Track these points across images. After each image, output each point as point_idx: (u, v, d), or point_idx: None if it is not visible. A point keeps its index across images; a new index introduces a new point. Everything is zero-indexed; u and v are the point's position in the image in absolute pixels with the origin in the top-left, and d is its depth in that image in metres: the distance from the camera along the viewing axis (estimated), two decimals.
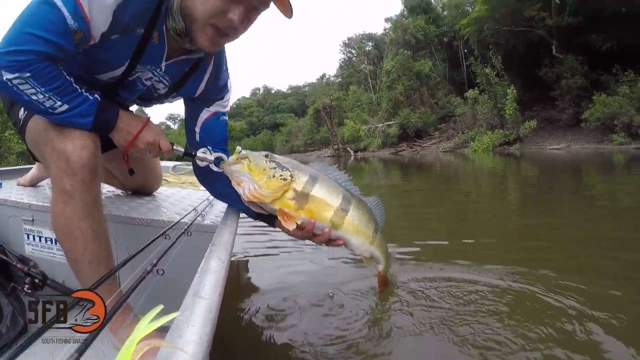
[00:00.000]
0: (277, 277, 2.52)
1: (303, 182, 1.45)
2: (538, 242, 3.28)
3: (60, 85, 1.16)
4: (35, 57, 1.08)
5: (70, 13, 1.09)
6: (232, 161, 1.44)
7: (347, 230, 1.53)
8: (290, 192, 1.43)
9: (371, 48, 49.63)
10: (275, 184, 1.41)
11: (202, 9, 1.22)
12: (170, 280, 1.19)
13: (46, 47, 1.08)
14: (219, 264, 0.94)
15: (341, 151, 37.15)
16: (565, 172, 10.13)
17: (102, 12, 1.16)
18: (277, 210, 1.44)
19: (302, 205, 1.44)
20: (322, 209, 1.47)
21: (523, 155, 18.84)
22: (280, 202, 1.43)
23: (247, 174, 1.41)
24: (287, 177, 1.42)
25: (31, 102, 1.15)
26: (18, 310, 1.58)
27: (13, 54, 1.06)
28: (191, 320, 0.65)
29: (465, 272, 2.41)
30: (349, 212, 1.51)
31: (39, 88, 1.12)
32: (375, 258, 1.71)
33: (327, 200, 1.48)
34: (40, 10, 1.08)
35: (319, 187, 1.47)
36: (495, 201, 5.81)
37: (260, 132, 73.13)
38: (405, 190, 7.84)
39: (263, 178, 1.40)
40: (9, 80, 1.08)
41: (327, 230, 1.48)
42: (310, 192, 1.45)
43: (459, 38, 36.73)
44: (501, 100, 26.63)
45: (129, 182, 2.26)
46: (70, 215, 1.26)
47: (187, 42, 1.35)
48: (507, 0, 27.95)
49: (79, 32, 1.14)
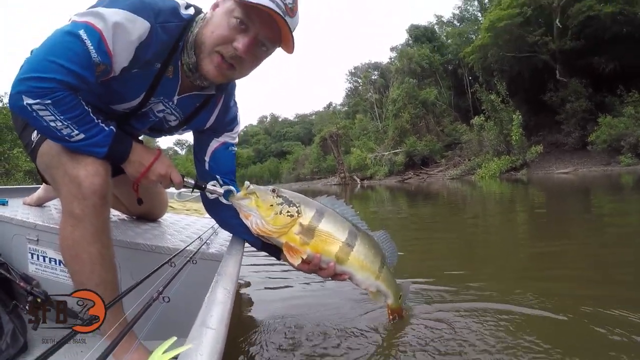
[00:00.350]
0: (282, 308, 2.44)
1: (309, 217, 1.47)
2: (554, 270, 3.16)
3: (79, 114, 1.19)
4: (58, 85, 1.10)
5: (94, 47, 1.14)
6: (241, 196, 1.48)
7: (352, 265, 1.54)
8: (296, 227, 1.45)
9: (377, 77, 50.22)
10: (281, 221, 1.44)
11: (210, 37, 1.31)
12: (174, 308, 1.19)
13: (69, 77, 1.12)
14: (225, 295, 0.94)
15: (348, 179, 37.25)
16: (575, 196, 10.01)
17: (125, 48, 1.22)
18: (284, 244, 1.46)
19: (307, 240, 1.46)
20: (327, 244, 1.48)
21: (530, 180, 18.69)
22: (286, 236, 1.45)
23: (254, 209, 1.45)
24: (293, 214, 1.45)
25: (49, 128, 1.16)
26: (19, 328, 1.57)
27: (36, 80, 1.09)
28: (199, 350, 0.66)
29: (481, 302, 2.26)
30: (354, 248, 1.52)
31: (59, 116, 1.14)
32: (382, 292, 1.70)
33: (333, 235, 1.49)
34: (65, 40, 1.13)
35: (325, 222, 1.49)
36: (505, 228, 5.68)
37: (267, 160, 73.62)
38: (413, 218, 7.76)
39: (270, 214, 1.43)
40: (29, 105, 1.10)
41: (332, 265, 1.50)
42: (317, 227, 1.47)
43: (464, 66, 37.25)
44: (507, 126, 26.79)
45: (134, 208, 2.27)
46: (79, 238, 1.27)
47: (198, 78, 1.41)
48: (510, 27, 28.44)
49: (101, 65, 1.18)
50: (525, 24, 28.86)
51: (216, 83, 1.47)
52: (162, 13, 1.27)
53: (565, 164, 24.88)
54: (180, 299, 1.25)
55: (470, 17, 44.13)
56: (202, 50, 1.33)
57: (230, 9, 1.29)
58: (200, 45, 1.33)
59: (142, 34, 1.23)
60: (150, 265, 1.28)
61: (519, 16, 28.25)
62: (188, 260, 1.43)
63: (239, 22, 1.28)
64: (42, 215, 2.05)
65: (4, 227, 1.96)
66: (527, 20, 28.84)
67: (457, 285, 2.64)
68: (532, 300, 2.22)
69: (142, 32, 1.22)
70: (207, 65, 1.35)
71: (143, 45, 1.24)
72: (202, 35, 1.32)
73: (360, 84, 54.48)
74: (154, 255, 1.73)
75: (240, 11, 1.28)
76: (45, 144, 1.37)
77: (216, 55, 1.32)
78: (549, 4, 28.07)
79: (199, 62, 1.36)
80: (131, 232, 1.98)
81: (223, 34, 1.30)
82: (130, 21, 1.19)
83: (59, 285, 1.81)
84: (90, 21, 1.15)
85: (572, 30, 27.26)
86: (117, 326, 1.07)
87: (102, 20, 1.16)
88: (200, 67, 1.36)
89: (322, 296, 2.65)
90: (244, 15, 1.28)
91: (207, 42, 1.31)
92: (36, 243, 1.86)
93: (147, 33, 1.24)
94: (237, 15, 1.28)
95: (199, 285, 1.34)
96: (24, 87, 1.09)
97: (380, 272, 1.62)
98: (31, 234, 1.86)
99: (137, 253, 1.76)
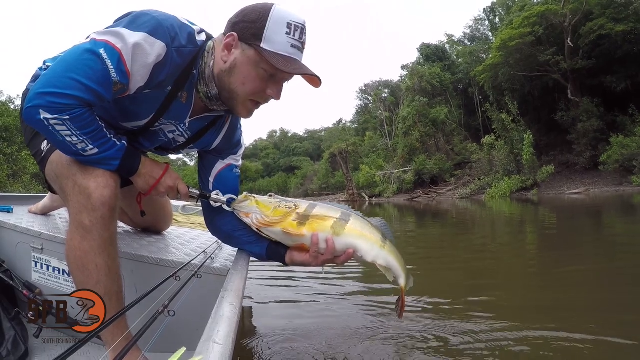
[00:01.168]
0: (287, 324, 2.45)
1: (305, 207, 1.53)
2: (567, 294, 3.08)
3: (94, 130, 1.21)
4: (77, 102, 1.13)
5: (114, 66, 1.16)
6: (241, 199, 1.55)
7: (350, 234, 1.51)
8: (293, 216, 1.50)
9: (387, 95, 50.36)
10: (280, 212, 1.50)
11: (242, 89, 1.37)
12: (178, 322, 1.18)
13: (88, 94, 1.14)
14: (232, 310, 0.93)
15: (356, 196, 37.11)
16: (589, 217, 9.85)
17: (143, 68, 1.24)
18: (282, 230, 1.49)
19: (304, 222, 1.49)
20: (322, 221, 1.51)
21: (541, 200, 18.57)
22: (284, 224, 1.49)
23: (255, 207, 1.51)
24: (291, 206, 1.51)
25: (64, 143, 1.18)
26: (20, 335, 1.58)
27: (55, 96, 1.10)
28: None
29: (493, 331, 2.20)
30: (349, 222, 1.53)
31: (75, 131, 1.16)
32: (391, 267, 1.59)
33: (326, 214, 1.52)
34: (85, 58, 1.15)
35: (319, 207, 1.55)
36: (516, 250, 5.60)
37: (276, 174, 73.63)
38: (421, 237, 7.67)
39: (270, 208, 1.50)
40: (46, 120, 1.11)
41: (330, 239, 1.47)
42: (311, 213, 1.52)
43: (474, 85, 37.24)
44: (517, 145, 26.65)
45: (139, 220, 2.27)
46: (87, 249, 1.27)
47: (216, 105, 1.47)
48: (521, 46, 28.48)
49: (118, 84, 1.20)
50: (536, 43, 28.96)
51: (245, 118, 1.55)
52: (178, 37, 1.30)
53: (576, 184, 24.70)
54: (184, 313, 1.23)
55: (481, 36, 44.32)
56: (234, 98, 1.39)
57: (256, 60, 1.32)
58: (230, 92, 1.38)
59: (159, 55, 1.25)
60: (154, 278, 1.29)
61: (530, 35, 28.29)
62: (193, 274, 1.43)
63: (268, 74, 1.34)
64: (47, 224, 2.05)
65: (9, 235, 1.97)
66: (539, 39, 28.96)
67: (459, 307, 2.63)
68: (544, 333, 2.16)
69: (159, 53, 1.25)
70: (242, 111, 1.44)
71: (159, 66, 1.27)
72: (230, 83, 1.37)
73: (371, 101, 54.62)
74: (158, 269, 1.73)
75: (267, 65, 1.32)
76: (56, 154, 1.38)
77: (250, 102, 1.41)
78: (560, 23, 28.15)
79: (228, 104, 1.43)
80: (136, 245, 1.98)
81: (256, 86, 1.36)
82: (148, 43, 1.22)
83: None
84: (110, 40, 1.18)
85: (584, 50, 27.32)
86: (122, 340, 1.08)
87: (122, 40, 1.18)
88: (230, 108, 1.45)
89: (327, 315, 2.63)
90: (271, 68, 1.32)
91: (240, 93, 1.37)
92: (40, 252, 1.86)
93: (164, 55, 1.26)
94: (264, 68, 1.33)
95: (203, 300, 1.37)
96: (43, 102, 1.10)
97: (384, 243, 1.56)
98: (36, 242, 1.86)
99: (141, 266, 1.76)
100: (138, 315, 1.02)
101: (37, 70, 1.55)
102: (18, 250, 1.94)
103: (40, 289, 1.82)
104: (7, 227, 1.98)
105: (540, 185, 25.29)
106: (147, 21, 1.24)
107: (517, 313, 2.49)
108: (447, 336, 2.18)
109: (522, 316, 2.43)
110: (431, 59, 43.85)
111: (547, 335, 2.09)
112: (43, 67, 1.51)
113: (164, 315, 1.05)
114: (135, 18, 1.25)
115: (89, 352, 1.55)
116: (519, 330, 2.18)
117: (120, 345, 1.01)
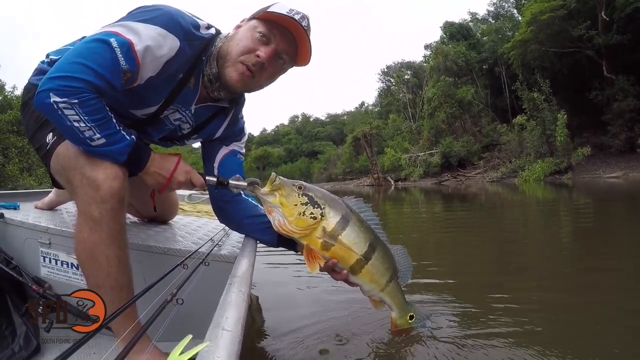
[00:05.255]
0: (290, 316, 2.41)
1: (333, 224, 1.50)
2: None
3: (102, 118, 1.21)
4: (86, 86, 1.15)
5: (123, 55, 1.21)
6: (266, 192, 1.50)
7: (362, 278, 1.61)
8: (319, 231, 1.49)
9: (410, 76, 49.60)
10: (304, 223, 1.47)
11: (235, 49, 1.44)
12: (187, 310, 1.22)
13: (97, 79, 1.17)
14: (240, 297, 0.94)
15: (381, 180, 36.83)
16: (636, 204, 9.09)
17: (154, 61, 1.31)
18: (304, 247, 1.50)
19: (328, 247, 1.50)
20: (346, 255, 1.53)
21: (576, 185, 17.83)
22: (308, 239, 1.49)
23: (278, 206, 1.48)
24: (317, 216, 1.48)
25: (72, 128, 1.18)
26: (31, 330, 1.61)
27: (65, 79, 1.13)
28: (216, 352, 0.64)
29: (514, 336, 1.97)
30: (369, 262, 1.58)
31: (83, 116, 1.17)
32: (386, 303, 1.76)
33: (353, 248, 1.53)
34: (95, 46, 1.19)
35: (348, 231, 1.52)
36: (559, 241, 4.97)
37: (298, 160, 74.29)
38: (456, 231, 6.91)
39: (294, 214, 1.46)
40: (56, 103, 1.13)
41: (345, 273, 1.58)
42: (339, 236, 1.51)
43: (501, 64, 36.16)
44: (550, 126, 25.66)
45: (145, 210, 2.34)
46: (97, 241, 1.28)
47: (216, 89, 1.52)
48: (552, 20, 27.23)
49: (128, 73, 1.25)
50: (568, 17, 27.54)
51: (234, 90, 1.54)
52: (189, 32, 1.37)
53: (612, 167, 23.83)
54: (193, 301, 1.28)
55: (505, 13, 42.86)
56: (227, 60, 1.45)
57: (254, 25, 1.45)
58: (225, 56, 1.45)
59: (172, 49, 1.33)
60: (162, 268, 1.33)
61: (562, 9, 26.94)
62: (201, 262, 1.47)
63: (261, 35, 1.44)
64: (54, 219, 2.11)
65: (16, 231, 2.01)
66: (570, 13, 27.51)
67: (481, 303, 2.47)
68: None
69: (172, 47, 1.32)
70: (231, 72, 1.45)
71: (171, 59, 1.34)
72: (228, 47, 1.45)
73: (393, 83, 53.86)
74: (166, 258, 1.77)
75: (263, 27, 1.44)
76: (63, 146, 1.37)
77: (240, 64, 1.44)
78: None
79: (222, 71, 1.46)
80: (143, 235, 2.05)
81: (248, 45, 1.43)
82: (162, 36, 1.29)
83: (71, 288, 1.75)
84: (120, 32, 1.23)
85: (618, 24, 25.92)
86: (131, 329, 1.08)
87: (133, 32, 1.24)
88: (222, 75, 1.47)
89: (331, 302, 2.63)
90: (266, 30, 1.44)
91: (232, 52, 1.44)
92: (48, 246, 1.89)
93: (177, 50, 1.34)
94: (260, 31, 1.44)
95: (211, 287, 1.41)
96: (53, 85, 1.13)
97: (387, 286, 1.68)
98: (43, 237, 1.89)
99: (149, 255, 1.79)
100: (147, 305, 1.04)
101: (39, 63, 1.59)
102: (26, 246, 1.97)
103: (50, 283, 1.86)
104: (14, 223, 2.02)
105: (574, 168, 24.40)
106: (160, 15, 1.31)
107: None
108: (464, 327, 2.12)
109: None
110: (455, 38, 42.97)
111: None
112: (46, 61, 1.56)
113: (172, 303, 1.08)
114: (148, 12, 1.31)
115: (100, 344, 1.57)
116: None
117: (130, 335, 0.98)
